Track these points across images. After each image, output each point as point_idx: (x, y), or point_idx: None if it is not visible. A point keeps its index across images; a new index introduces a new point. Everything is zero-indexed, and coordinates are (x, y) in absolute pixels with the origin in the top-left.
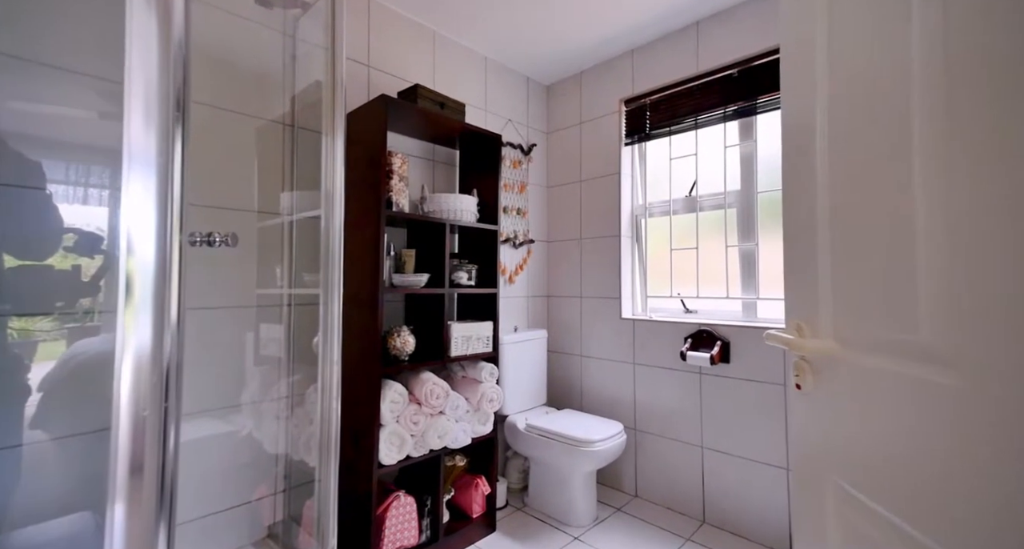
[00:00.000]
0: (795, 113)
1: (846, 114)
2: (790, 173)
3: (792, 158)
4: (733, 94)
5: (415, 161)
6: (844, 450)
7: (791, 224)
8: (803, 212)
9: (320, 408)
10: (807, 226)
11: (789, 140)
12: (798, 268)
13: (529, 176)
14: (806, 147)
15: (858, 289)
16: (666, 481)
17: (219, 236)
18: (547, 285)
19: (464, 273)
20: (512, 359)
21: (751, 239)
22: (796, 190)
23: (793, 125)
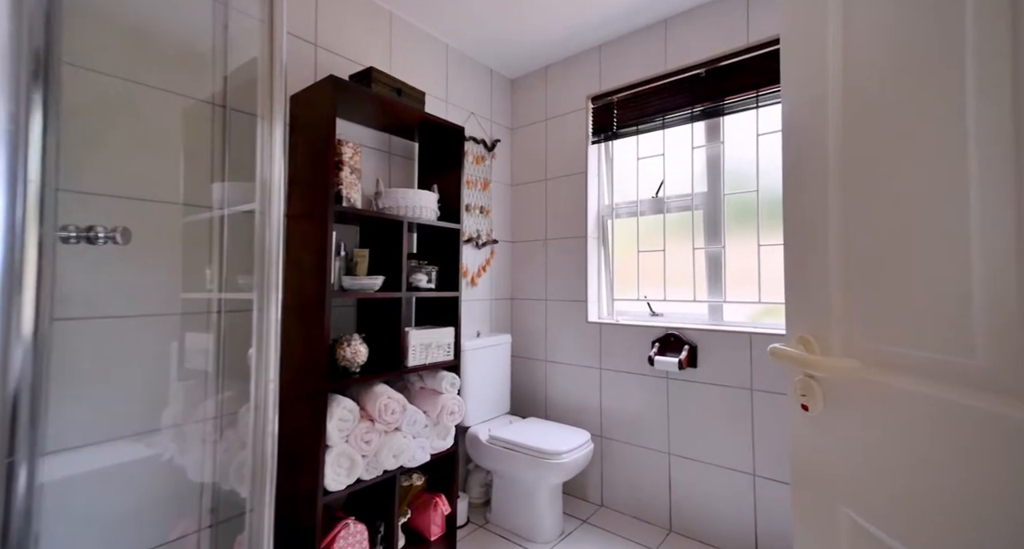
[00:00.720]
0: (800, 108)
1: (871, 109)
2: (793, 172)
3: (795, 156)
4: (700, 94)
5: (369, 152)
6: (862, 480)
7: (794, 227)
8: (810, 213)
9: (254, 429)
10: (815, 229)
11: (792, 137)
12: (803, 275)
13: (493, 173)
14: (813, 144)
15: (888, 301)
16: (633, 489)
17: (104, 231)
18: (511, 287)
19: (423, 275)
20: (475, 366)
21: (717, 242)
22: (800, 190)
23: (797, 121)
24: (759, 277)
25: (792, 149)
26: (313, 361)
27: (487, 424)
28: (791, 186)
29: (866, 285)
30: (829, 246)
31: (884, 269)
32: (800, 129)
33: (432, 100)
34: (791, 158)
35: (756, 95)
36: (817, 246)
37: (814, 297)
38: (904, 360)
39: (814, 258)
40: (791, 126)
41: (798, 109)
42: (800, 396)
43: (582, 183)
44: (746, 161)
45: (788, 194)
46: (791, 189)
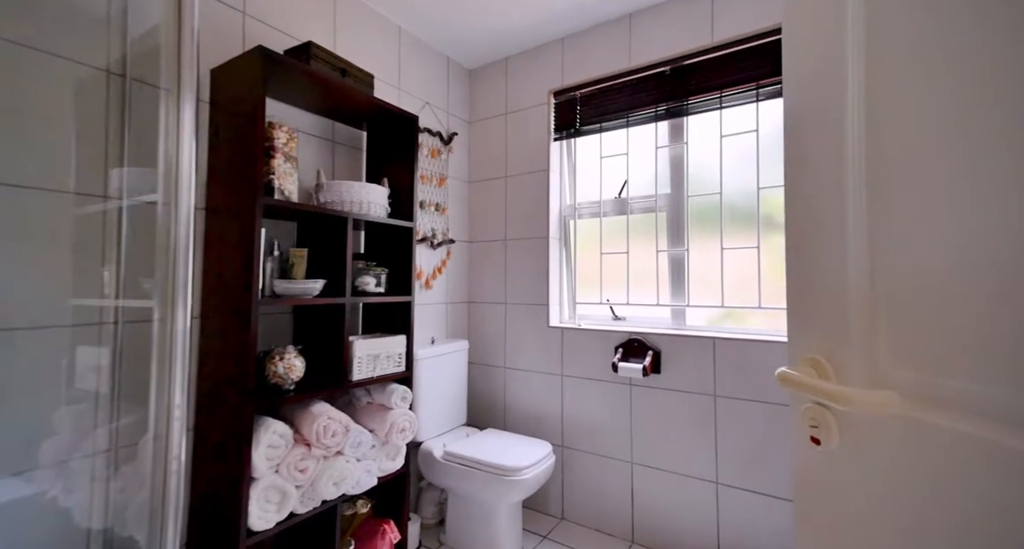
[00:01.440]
0: (811, 106)
1: (907, 110)
2: (799, 167)
3: (802, 155)
4: (665, 93)
5: (309, 140)
6: (885, 528)
7: (801, 231)
8: (823, 214)
9: (153, 463)
10: (829, 233)
11: (799, 136)
12: (812, 286)
13: (449, 168)
14: (828, 147)
15: (936, 319)
16: (594, 501)
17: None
18: (469, 290)
19: (371, 278)
20: (428, 376)
21: (681, 244)
22: (808, 188)
23: (807, 120)
24: (722, 281)
25: (797, 141)
26: (237, 379)
27: (442, 438)
28: (796, 184)
29: (899, 299)
30: (848, 252)
31: (926, 281)
32: (809, 119)
33: (382, 86)
34: (796, 151)
35: (720, 96)
36: (832, 252)
37: (826, 312)
38: (956, 394)
39: (827, 266)
40: (797, 116)
41: (806, 97)
42: (810, 427)
43: (544, 181)
44: (709, 163)
45: (792, 193)
46: (796, 188)
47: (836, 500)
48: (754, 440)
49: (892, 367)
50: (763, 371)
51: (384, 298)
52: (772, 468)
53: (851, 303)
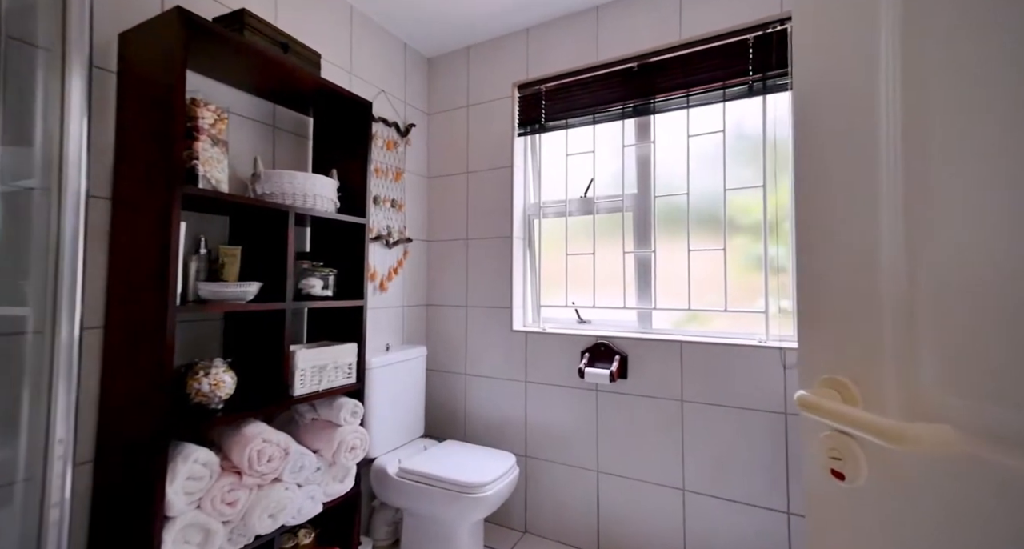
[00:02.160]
0: (831, 85)
1: (956, 71)
2: (813, 161)
3: (817, 140)
4: (632, 90)
5: (244, 123)
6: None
7: (817, 227)
8: (849, 210)
9: (24, 511)
10: (856, 231)
11: (813, 118)
12: (833, 293)
13: (406, 162)
14: (853, 127)
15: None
16: (559, 511)
17: None
18: (427, 292)
19: (318, 280)
20: (382, 386)
21: (647, 246)
22: (825, 182)
23: (825, 101)
24: (689, 283)
25: (812, 124)
26: (148, 399)
27: (397, 453)
28: (809, 176)
29: (947, 307)
30: (882, 251)
31: (983, 283)
32: (827, 100)
33: (332, 69)
34: (809, 138)
35: (687, 95)
36: (857, 250)
37: (851, 323)
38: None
39: (851, 267)
40: (812, 97)
41: (825, 76)
42: (831, 459)
43: (507, 178)
44: (677, 163)
45: (805, 185)
46: (809, 179)
47: (863, 544)
48: (721, 445)
49: (938, 392)
50: (730, 375)
51: (332, 302)
52: (739, 474)
53: (884, 312)
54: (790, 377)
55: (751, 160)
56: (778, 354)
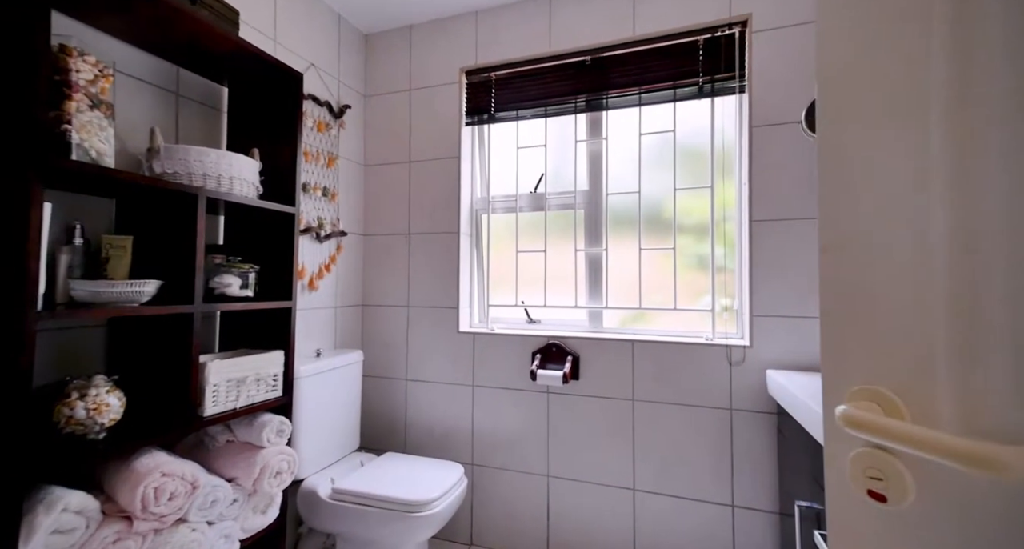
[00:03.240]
0: (869, 75)
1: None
2: (844, 157)
3: (848, 133)
4: (585, 84)
5: (136, 87)
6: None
7: (840, 230)
8: (893, 212)
9: None
10: (903, 235)
11: (845, 111)
12: (864, 286)
13: (340, 147)
14: (900, 124)
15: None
16: (507, 520)
17: None
18: (363, 292)
19: (235, 278)
20: (313, 397)
21: (598, 244)
22: (857, 180)
23: (860, 91)
24: (640, 282)
25: (840, 105)
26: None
27: (329, 471)
28: (837, 167)
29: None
30: (935, 251)
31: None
32: (862, 84)
33: (253, 33)
34: (836, 119)
35: (639, 92)
36: (903, 252)
37: (897, 330)
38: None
39: (897, 270)
40: (842, 80)
41: (858, 67)
42: (870, 480)
43: (454, 170)
44: (628, 161)
45: (829, 178)
46: (837, 171)
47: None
48: (669, 443)
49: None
50: (679, 373)
51: (254, 304)
52: (687, 470)
53: (938, 317)
54: (736, 373)
55: (698, 161)
56: (724, 351)
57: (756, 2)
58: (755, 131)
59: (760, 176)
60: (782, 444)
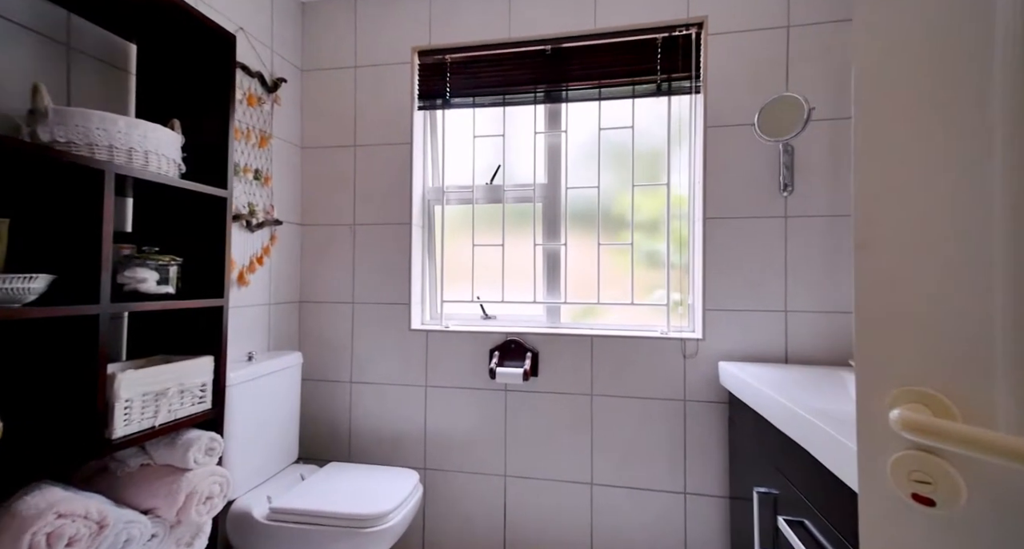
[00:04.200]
0: (917, 52)
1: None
2: (886, 146)
3: (890, 122)
4: (544, 73)
5: (8, 31)
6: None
7: (880, 227)
8: (943, 209)
9: None
10: (955, 233)
11: (884, 97)
12: (911, 300)
13: (274, 125)
14: (956, 105)
15: None
16: (462, 525)
17: None
18: (301, 287)
19: (151, 272)
20: (245, 406)
21: (556, 238)
22: (899, 173)
23: (906, 72)
24: (599, 277)
25: (880, 91)
26: None
27: (265, 488)
28: (876, 158)
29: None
30: (993, 247)
31: None
32: (908, 63)
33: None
34: (875, 107)
35: (599, 86)
36: (954, 250)
37: (947, 330)
38: None
39: (949, 268)
40: (884, 58)
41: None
42: (916, 483)
43: (406, 156)
44: (588, 155)
45: (867, 169)
46: (875, 163)
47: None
48: (627, 436)
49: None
50: (636, 366)
51: (176, 303)
52: (642, 461)
53: (995, 317)
54: (689, 366)
55: (652, 158)
56: (679, 345)
57: (713, 5)
58: (709, 131)
59: (714, 175)
60: (733, 432)
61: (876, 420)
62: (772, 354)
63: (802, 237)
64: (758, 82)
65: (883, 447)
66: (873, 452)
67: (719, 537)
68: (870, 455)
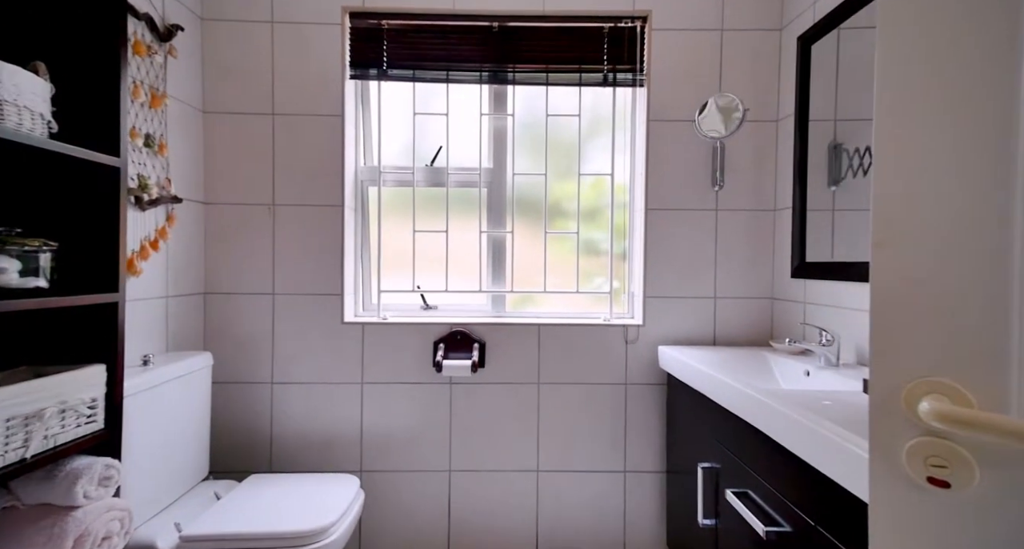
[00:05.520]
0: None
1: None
2: (901, 140)
3: (913, 116)
4: (491, 52)
5: None
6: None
7: (900, 224)
8: (965, 206)
9: None
10: (977, 232)
11: (901, 95)
12: (931, 295)
13: (168, 82)
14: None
15: None
16: (404, 525)
17: None
18: (205, 276)
19: (11, 260)
20: (142, 422)
21: (501, 225)
22: (922, 167)
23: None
24: (546, 266)
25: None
26: None
27: (170, 513)
28: (897, 155)
29: None
30: (1015, 243)
31: None
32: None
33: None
34: (898, 96)
35: (546, 70)
36: (977, 235)
37: (966, 322)
38: None
39: (970, 265)
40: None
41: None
42: (932, 467)
43: (336, 130)
44: (535, 141)
45: (887, 166)
46: (896, 160)
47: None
48: (572, 421)
49: None
50: (581, 354)
51: (50, 300)
52: (586, 444)
53: (1015, 300)
54: (630, 351)
55: (602, 149)
56: (622, 331)
57: (656, 1)
58: (652, 125)
59: (655, 168)
60: (670, 410)
61: (891, 409)
62: (703, 337)
63: (730, 229)
64: (696, 80)
65: (898, 435)
66: (887, 439)
67: (655, 509)
68: (884, 442)
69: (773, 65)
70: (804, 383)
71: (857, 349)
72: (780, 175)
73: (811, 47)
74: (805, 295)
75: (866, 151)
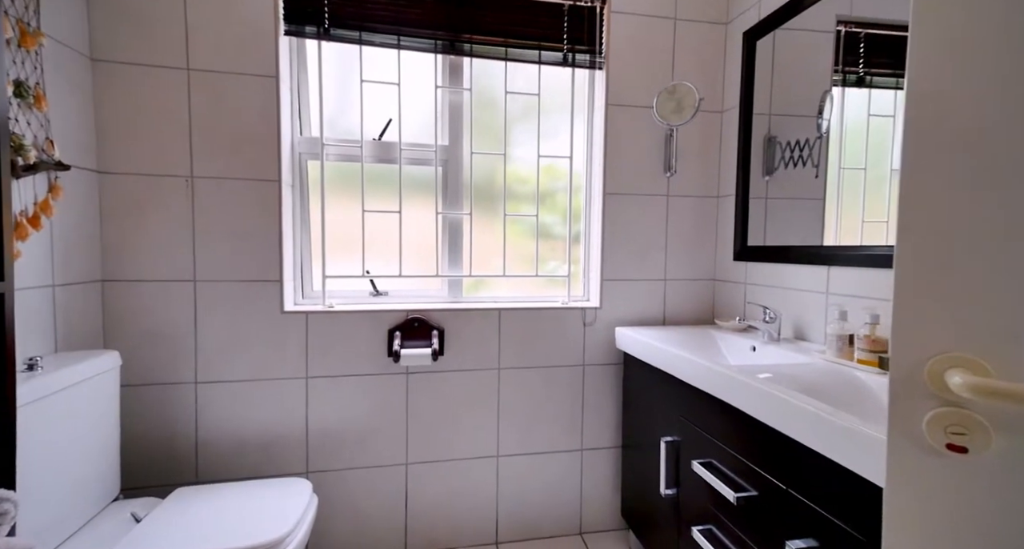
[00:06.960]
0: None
1: None
2: (925, 132)
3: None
4: (445, 19)
5: None
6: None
7: (921, 213)
8: (986, 190)
9: None
10: (992, 215)
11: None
12: (950, 273)
13: (42, 16)
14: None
15: None
16: (357, 524)
17: None
18: (103, 260)
19: None
20: (31, 438)
21: (457, 206)
22: (945, 151)
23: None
24: (504, 249)
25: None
26: None
27: (74, 544)
28: (921, 144)
29: None
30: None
31: None
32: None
33: None
34: (926, 87)
35: (505, 44)
36: (992, 230)
37: (980, 300)
38: None
39: (991, 245)
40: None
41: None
42: (952, 435)
43: (270, 93)
44: (494, 119)
45: (915, 153)
46: (920, 149)
47: (978, 520)
48: (531, 405)
49: None
50: (541, 337)
51: None
52: (545, 426)
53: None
54: (588, 332)
55: (558, 131)
56: (580, 314)
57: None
58: (610, 109)
59: (613, 152)
60: (627, 388)
61: (914, 383)
62: (654, 318)
63: (679, 214)
64: (649, 68)
65: (918, 406)
66: (907, 411)
67: (610, 483)
68: (904, 414)
69: (719, 58)
70: (752, 358)
71: (794, 326)
72: (724, 164)
73: (756, 43)
74: (746, 277)
75: (796, 145)
